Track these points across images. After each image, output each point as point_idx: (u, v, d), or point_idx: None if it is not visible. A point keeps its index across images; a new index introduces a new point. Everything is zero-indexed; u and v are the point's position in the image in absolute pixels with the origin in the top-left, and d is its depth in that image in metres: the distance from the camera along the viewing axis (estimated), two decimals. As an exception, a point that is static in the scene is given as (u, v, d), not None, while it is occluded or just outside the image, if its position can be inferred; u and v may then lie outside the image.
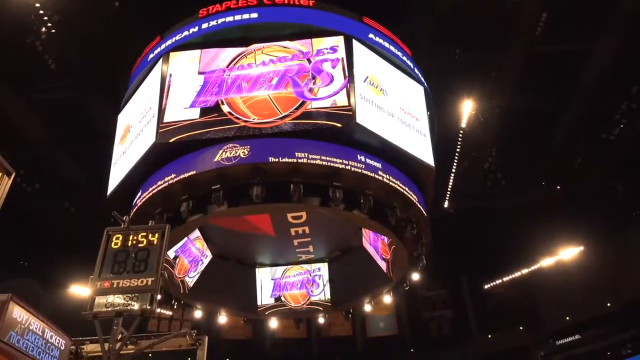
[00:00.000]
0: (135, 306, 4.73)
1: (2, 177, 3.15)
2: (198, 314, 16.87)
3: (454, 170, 26.40)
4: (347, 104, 11.25)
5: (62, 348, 3.60)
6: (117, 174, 13.20)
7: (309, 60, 12.09)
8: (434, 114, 15.34)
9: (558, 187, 31.59)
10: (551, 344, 40.87)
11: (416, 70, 14.50)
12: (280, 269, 17.73)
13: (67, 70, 19.59)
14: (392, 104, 12.53)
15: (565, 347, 39.51)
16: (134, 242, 5.16)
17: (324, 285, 17.30)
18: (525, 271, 38.95)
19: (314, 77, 11.83)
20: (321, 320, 18.75)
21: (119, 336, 4.97)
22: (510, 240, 35.43)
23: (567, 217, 30.92)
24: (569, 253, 34.03)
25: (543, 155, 28.55)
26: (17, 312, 3.16)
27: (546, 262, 35.87)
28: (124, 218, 5.45)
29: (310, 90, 11.65)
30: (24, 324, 3.22)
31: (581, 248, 33.58)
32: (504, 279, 41.37)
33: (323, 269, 17.51)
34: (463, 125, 22.25)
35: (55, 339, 3.54)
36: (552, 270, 35.71)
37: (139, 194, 12.31)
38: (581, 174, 29.52)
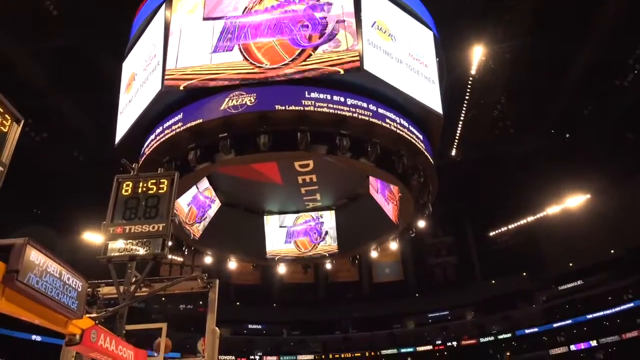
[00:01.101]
0: (148, 251, 4.87)
1: (11, 124, 3.17)
2: (208, 259, 17.26)
3: (462, 118, 26.14)
4: (354, 50, 11.01)
5: (79, 290, 3.74)
6: (124, 123, 13.19)
7: (314, 7, 11.74)
8: (443, 60, 15.01)
9: (567, 135, 31.31)
10: (553, 289, 41.83)
11: (426, 15, 14.08)
12: (288, 216, 17.96)
13: (69, 16, 19.24)
14: (400, 49, 12.24)
15: (567, 293, 40.48)
16: (144, 189, 5.22)
17: (331, 233, 17.57)
18: (530, 219, 39.34)
19: (321, 23, 11.52)
20: (328, 266, 19.14)
21: (133, 279, 5.14)
22: (516, 189, 35.60)
23: (575, 165, 30.85)
24: (575, 201, 34.17)
25: (553, 102, 28.12)
26: (35, 255, 3.26)
27: (552, 209, 36.12)
28: (133, 166, 5.50)
29: (317, 35, 11.38)
30: (41, 266, 3.32)
31: (588, 196, 33.66)
32: (509, 227, 41.87)
33: (330, 216, 17.73)
34: (472, 72, 21.82)
35: (72, 281, 3.66)
36: (557, 218, 35.99)
37: (147, 142, 12.35)
38: (591, 121, 29.16)
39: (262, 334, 47.38)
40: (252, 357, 44.89)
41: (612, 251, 37.80)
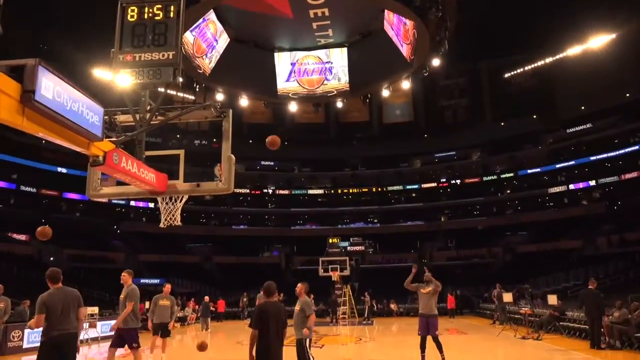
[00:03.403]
0: (160, 79, 4.86)
1: None
2: (220, 97, 17.34)
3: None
4: None
5: (97, 113, 3.83)
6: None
7: None
8: None
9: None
10: (561, 132, 42.26)
11: None
12: (299, 54, 17.54)
13: None
14: None
15: (575, 135, 40.97)
16: (150, 14, 5.02)
17: (342, 70, 17.30)
18: (549, 60, 38.06)
19: None
20: (339, 105, 19.24)
21: (148, 107, 5.23)
22: (539, 27, 33.81)
23: (604, 2, 28.82)
24: (598, 41, 32.60)
25: None
26: (49, 76, 3.28)
27: (573, 50, 34.68)
28: (136, -10, 5.21)
29: None
30: (57, 87, 3.36)
31: (612, 36, 32.00)
32: (526, 68, 40.73)
33: (342, 54, 17.27)
34: None
35: (90, 105, 3.73)
36: (576, 59, 34.72)
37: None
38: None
39: (274, 170, 49.64)
40: (265, 190, 47.67)
41: (627, 94, 37.24)
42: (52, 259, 31.29)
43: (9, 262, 26.47)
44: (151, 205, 39.57)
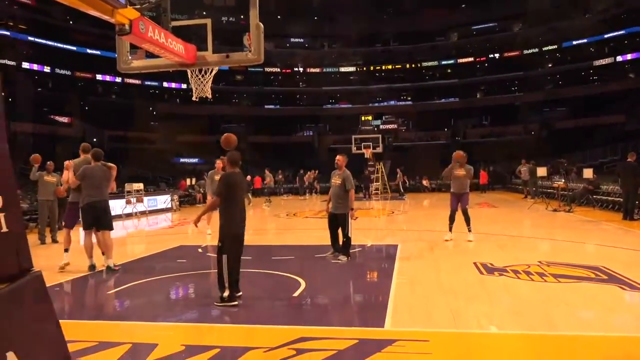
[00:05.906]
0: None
1: None
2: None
3: None
4: None
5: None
6: None
7: None
8: None
9: None
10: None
11: None
12: None
13: None
14: None
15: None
16: None
17: None
18: None
19: None
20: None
21: (170, -28, 4.95)
22: None
23: None
24: None
25: None
26: None
27: None
28: None
29: None
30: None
31: None
32: None
33: None
34: None
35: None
36: None
37: None
38: None
39: (304, 47, 48.12)
40: (295, 69, 46.77)
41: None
42: (94, 139, 32.46)
43: (55, 143, 27.63)
44: (184, 86, 39.56)
